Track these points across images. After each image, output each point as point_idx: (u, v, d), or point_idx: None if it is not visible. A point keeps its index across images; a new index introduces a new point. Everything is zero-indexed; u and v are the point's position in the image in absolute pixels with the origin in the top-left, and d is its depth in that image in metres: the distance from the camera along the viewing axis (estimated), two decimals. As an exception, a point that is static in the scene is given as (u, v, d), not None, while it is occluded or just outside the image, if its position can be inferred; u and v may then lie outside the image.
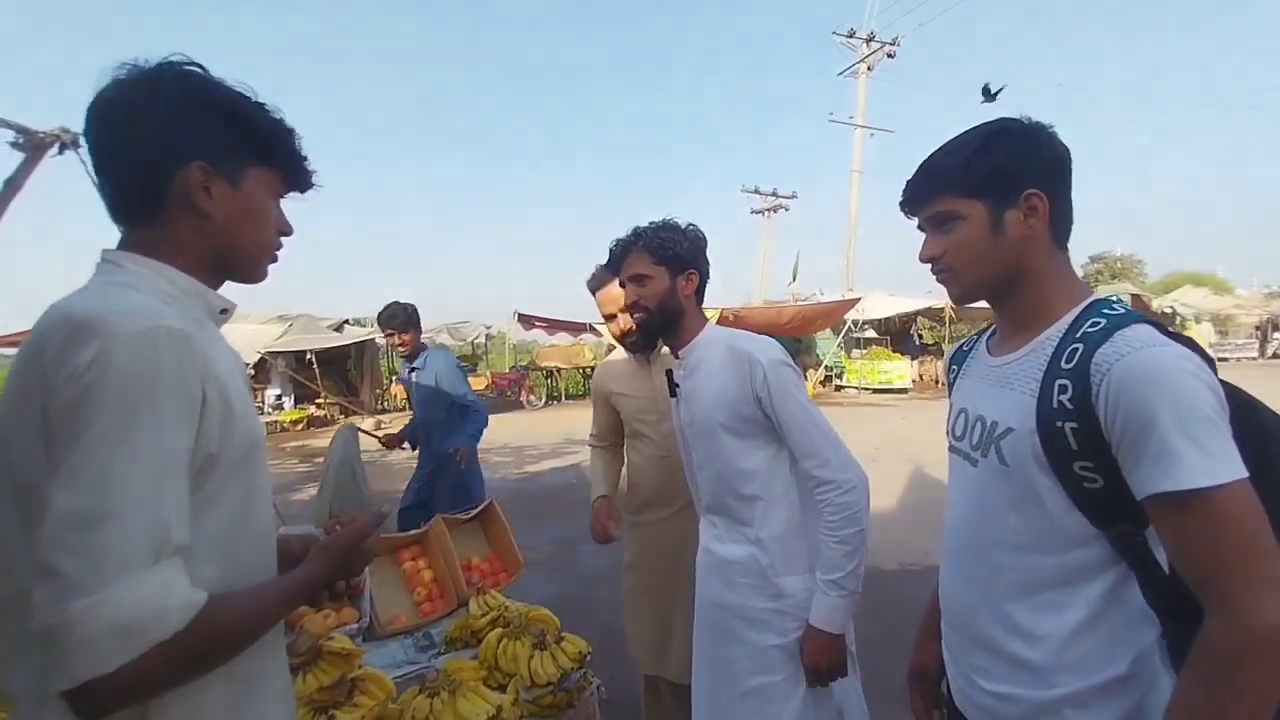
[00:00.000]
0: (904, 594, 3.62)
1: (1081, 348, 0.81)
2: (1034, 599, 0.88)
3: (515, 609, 1.96)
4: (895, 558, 4.22)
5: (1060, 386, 0.82)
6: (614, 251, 1.57)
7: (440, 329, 16.22)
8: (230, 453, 0.72)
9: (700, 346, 1.50)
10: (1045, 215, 0.88)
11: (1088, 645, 0.84)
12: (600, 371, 2.09)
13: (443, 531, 2.25)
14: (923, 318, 19.40)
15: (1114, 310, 0.84)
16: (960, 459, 1.01)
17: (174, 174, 0.74)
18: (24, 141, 2.42)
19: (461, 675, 1.67)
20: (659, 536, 1.88)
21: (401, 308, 3.31)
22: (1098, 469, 0.80)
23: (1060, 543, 0.85)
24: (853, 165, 20.26)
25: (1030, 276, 0.91)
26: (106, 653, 0.58)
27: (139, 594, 0.59)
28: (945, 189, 0.92)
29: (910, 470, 6.65)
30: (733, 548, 1.46)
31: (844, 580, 1.33)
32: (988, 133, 0.90)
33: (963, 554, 1.00)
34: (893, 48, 20.21)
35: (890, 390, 15.53)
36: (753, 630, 1.43)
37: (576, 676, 1.72)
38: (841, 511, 1.34)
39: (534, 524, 5.20)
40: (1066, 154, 0.90)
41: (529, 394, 15.76)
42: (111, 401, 0.61)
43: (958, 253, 0.93)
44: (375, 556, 0.91)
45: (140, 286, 0.72)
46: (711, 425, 1.42)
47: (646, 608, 1.92)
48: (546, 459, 8.67)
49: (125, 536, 0.60)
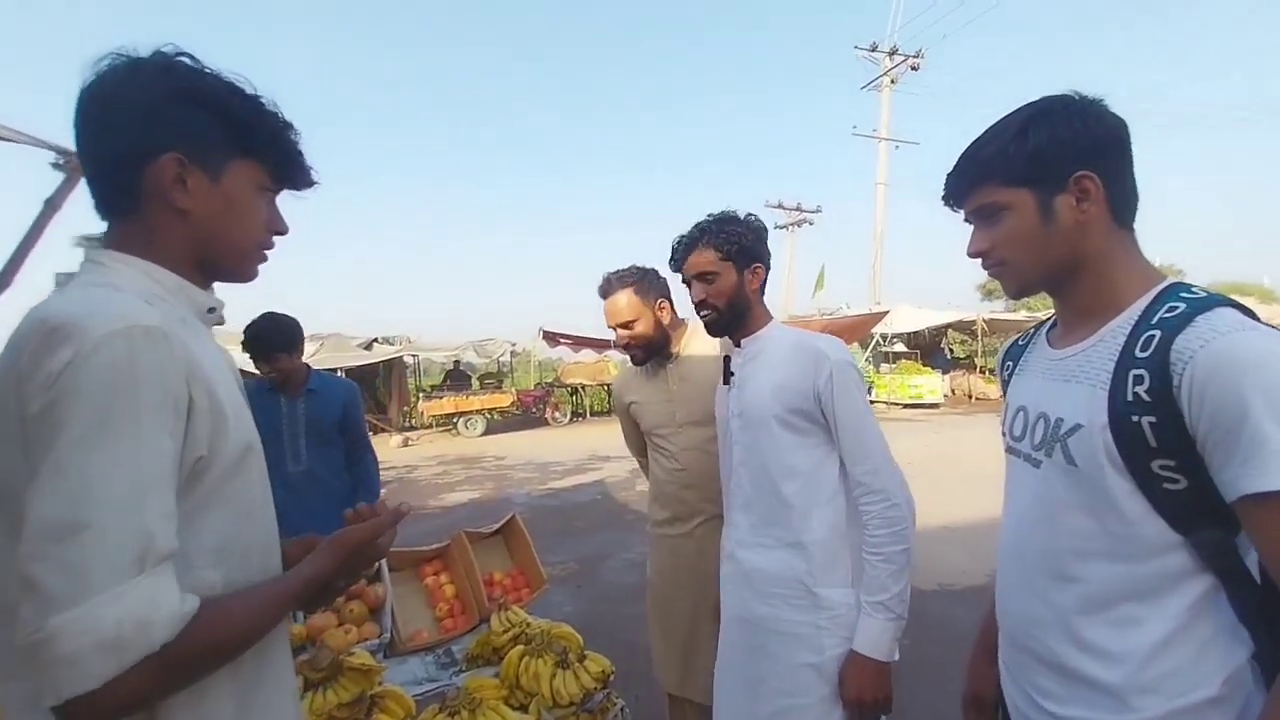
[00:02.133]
0: (942, 616, 3.47)
1: (1159, 334, 0.74)
2: (1109, 613, 0.80)
3: (537, 626, 1.91)
4: (932, 578, 4.07)
5: (1136, 377, 0.75)
6: (676, 249, 1.51)
7: (466, 346, 16.39)
8: (223, 455, 0.69)
9: (764, 339, 1.46)
10: (1101, 197, 0.81)
11: (1172, 664, 0.76)
12: (618, 383, 2.06)
13: (465, 545, 2.22)
14: (954, 331, 19.04)
15: (1194, 294, 0.77)
16: (1020, 460, 0.94)
17: (147, 166, 0.71)
18: (64, 163, 2.49)
19: (482, 694, 1.62)
20: (681, 550, 1.82)
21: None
22: (1180, 468, 0.73)
23: (1138, 550, 0.77)
24: (877, 178, 20.14)
25: (1092, 263, 0.84)
26: (91, 669, 0.55)
27: (122, 607, 0.57)
28: (987, 179, 0.87)
29: (944, 487, 6.46)
30: (764, 554, 1.38)
31: (891, 602, 1.25)
32: (1027, 115, 0.84)
33: (1024, 564, 0.92)
34: (916, 60, 20.14)
35: (921, 405, 15.22)
36: (784, 646, 1.34)
37: (600, 697, 1.66)
38: (888, 526, 1.27)
39: (558, 540, 5.16)
40: (1119, 127, 0.83)
41: (554, 410, 15.79)
42: (87, 406, 0.59)
43: (1008, 245, 0.87)
44: (386, 553, 0.86)
45: (123, 285, 0.70)
46: (765, 416, 1.37)
47: (670, 625, 1.85)
48: (571, 475, 8.64)
49: (106, 547, 0.57)
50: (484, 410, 14.53)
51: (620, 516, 6.21)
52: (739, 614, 1.43)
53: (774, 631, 1.36)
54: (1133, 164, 0.84)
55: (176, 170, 0.72)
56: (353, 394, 2.76)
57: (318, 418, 2.58)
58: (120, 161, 0.72)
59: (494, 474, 9.19)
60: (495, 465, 9.98)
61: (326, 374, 2.78)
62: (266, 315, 2.47)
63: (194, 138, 0.72)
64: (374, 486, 2.74)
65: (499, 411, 15.00)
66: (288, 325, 2.49)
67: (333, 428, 2.62)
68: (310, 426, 2.57)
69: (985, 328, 16.27)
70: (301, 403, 2.56)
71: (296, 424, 2.55)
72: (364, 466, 2.71)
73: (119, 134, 0.71)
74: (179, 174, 0.72)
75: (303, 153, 0.82)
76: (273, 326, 2.45)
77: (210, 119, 0.73)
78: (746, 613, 1.41)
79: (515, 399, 15.40)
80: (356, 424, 2.72)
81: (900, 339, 17.69)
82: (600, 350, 16.49)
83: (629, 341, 1.81)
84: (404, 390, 15.97)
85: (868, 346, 16.26)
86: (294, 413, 2.55)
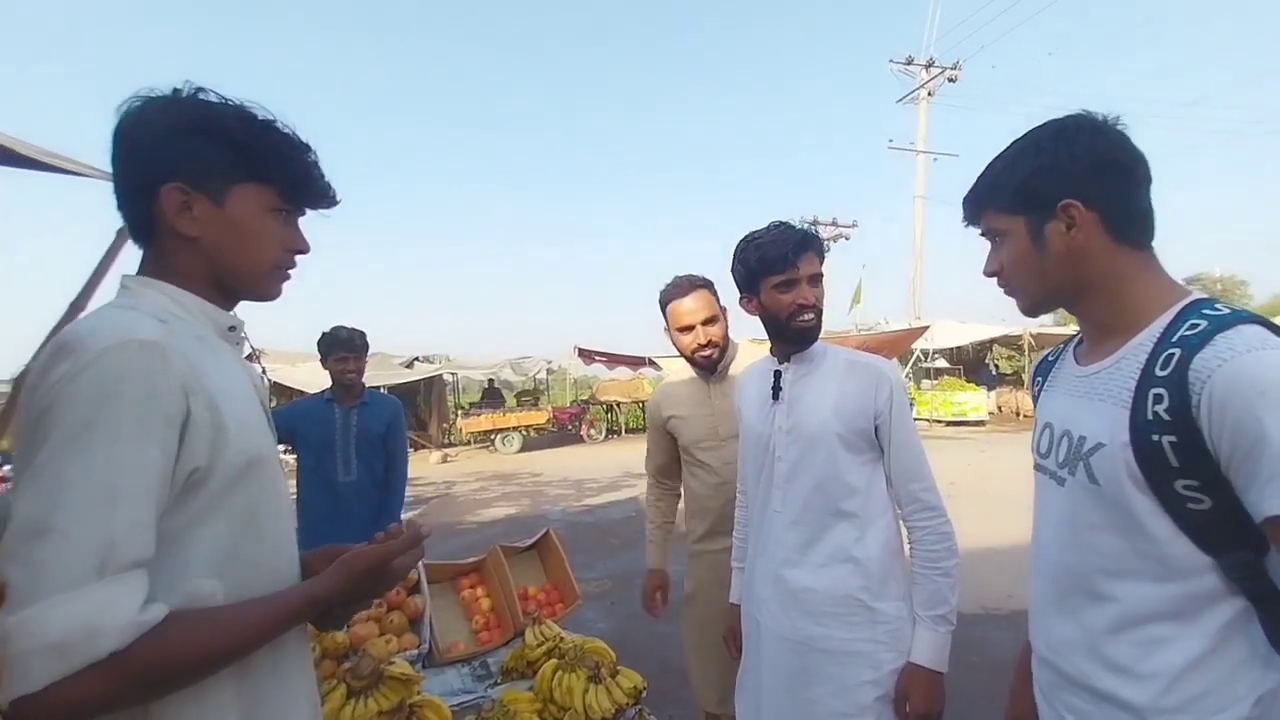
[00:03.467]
0: (985, 640, 3.36)
1: (1179, 353, 0.74)
2: (1137, 632, 0.80)
3: (570, 640, 1.94)
4: (975, 601, 3.94)
5: (1155, 396, 0.74)
6: (791, 241, 1.38)
7: (504, 364, 16.66)
8: (223, 467, 0.70)
9: (817, 355, 1.46)
10: (1090, 222, 0.82)
11: (1201, 685, 0.75)
12: (657, 396, 2.04)
13: (500, 560, 2.26)
14: (999, 346, 18.47)
15: (1217, 311, 0.76)
16: (1046, 478, 0.94)
17: (155, 196, 0.74)
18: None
19: (517, 707, 1.65)
20: (721, 565, 1.80)
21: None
22: (1204, 488, 0.72)
23: (1168, 570, 0.77)
24: (915, 191, 19.83)
25: (1098, 284, 0.85)
26: (34, 671, 0.55)
27: (71, 611, 0.57)
28: (988, 205, 0.92)
29: (988, 507, 6.25)
30: (815, 572, 1.37)
31: (950, 615, 1.31)
32: (1019, 146, 0.88)
33: (1053, 583, 0.91)
34: (954, 72, 19.85)
35: (965, 423, 14.78)
36: (839, 665, 1.33)
37: (632, 713, 1.67)
38: (943, 541, 1.33)
39: (592, 556, 5.18)
40: (1116, 150, 0.83)
41: (589, 428, 15.89)
42: (71, 415, 0.61)
43: (1011, 268, 0.91)
44: (404, 577, 0.84)
45: (140, 306, 0.72)
46: (825, 434, 1.37)
47: (710, 642, 1.83)
48: (606, 492, 8.67)
49: (65, 550, 0.58)
50: (520, 427, 14.72)
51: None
52: (785, 634, 1.40)
53: (826, 652, 1.34)
54: (1138, 185, 0.83)
55: (180, 198, 0.75)
56: (399, 410, 2.96)
57: (368, 429, 2.77)
58: (134, 193, 0.76)
59: (530, 490, 9.28)
60: (531, 481, 10.08)
61: (375, 390, 2.97)
62: (340, 326, 2.75)
63: (196, 166, 0.75)
64: (400, 499, 2.92)
65: (535, 428, 15.17)
66: (362, 332, 2.77)
67: (379, 440, 2.80)
68: (360, 437, 2.75)
69: (1033, 342, 15.72)
70: (355, 413, 2.77)
71: (349, 433, 2.75)
72: (394, 480, 2.89)
73: (132, 167, 0.76)
74: (184, 202, 0.75)
75: (318, 173, 0.84)
76: (353, 330, 2.74)
77: (212, 147, 0.76)
78: (794, 633, 1.39)
79: (551, 416, 15.56)
80: (399, 439, 2.89)
81: (942, 354, 17.26)
82: (635, 368, 16.56)
83: (709, 340, 1.80)
84: (443, 407, 16.30)
85: (907, 362, 15.90)
86: (348, 422, 2.75)
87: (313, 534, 2.61)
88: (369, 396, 2.85)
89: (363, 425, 2.77)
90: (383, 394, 3.04)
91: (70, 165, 2.31)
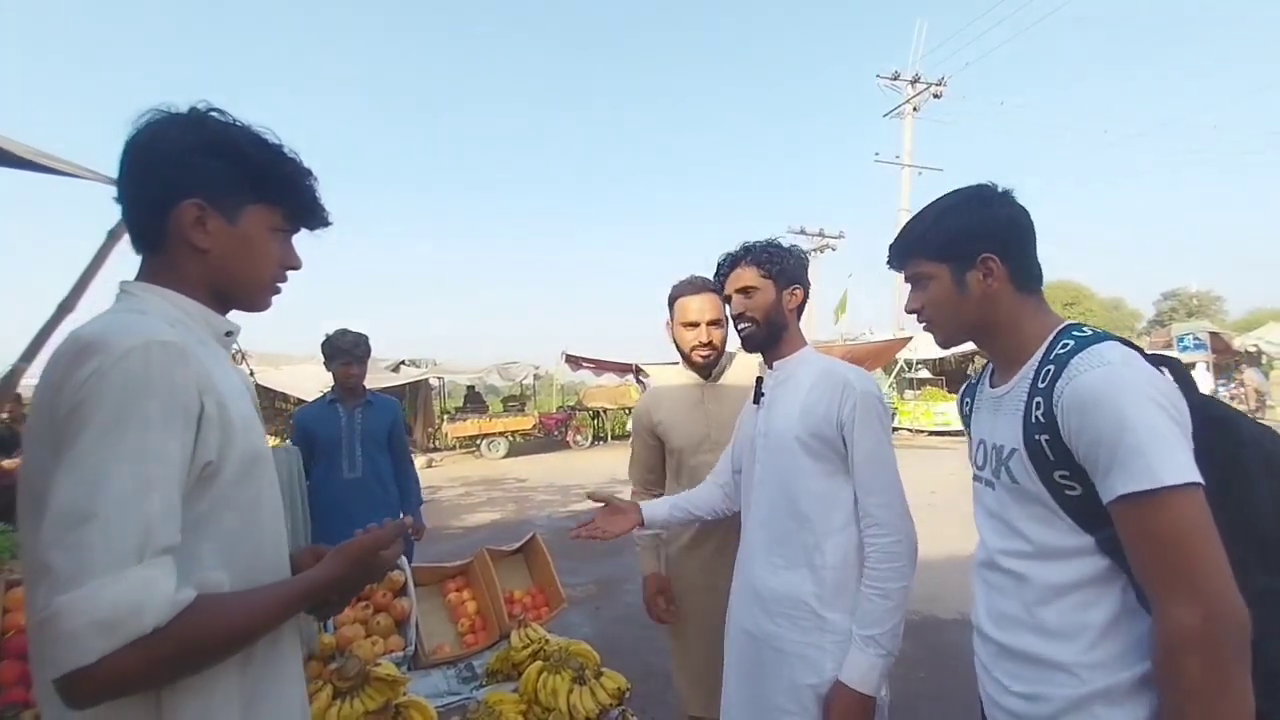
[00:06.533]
0: (961, 646, 3.41)
1: (1053, 368, 0.92)
2: (1062, 601, 0.94)
3: (555, 643, 1.96)
4: (953, 606, 4.01)
5: (1036, 404, 0.93)
6: (722, 264, 1.57)
7: (490, 369, 16.60)
8: (231, 462, 0.75)
9: (796, 362, 1.50)
10: (1003, 273, 1.00)
11: (1118, 643, 0.89)
12: (646, 399, 2.04)
13: (487, 563, 2.28)
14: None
15: (1082, 333, 0.95)
16: (982, 485, 1.10)
17: (173, 209, 0.78)
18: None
19: (502, 708, 1.68)
20: (708, 569, 1.84)
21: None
22: (1074, 477, 0.89)
23: (1074, 549, 0.92)
24: (900, 204, 20.10)
25: (1002, 323, 1.03)
26: (87, 645, 0.60)
27: (118, 590, 0.61)
28: (916, 253, 1.08)
29: (967, 515, 6.24)
30: (774, 573, 1.42)
31: (883, 638, 1.27)
32: (942, 208, 1.06)
33: (991, 569, 1.06)
34: (939, 88, 20.19)
35: (947, 432, 14.95)
36: (786, 664, 1.37)
37: (616, 714, 1.70)
38: (890, 561, 1.30)
39: (577, 561, 5.18)
40: (1020, 216, 1.02)
41: (576, 434, 15.86)
42: (104, 408, 0.65)
43: (933, 307, 1.07)
44: (390, 567, 0.91)
45: (147, 310, 0.77)
46: (788, 439, 1.41)
47: (695, 643, 1.86)
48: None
49: (109, 534, 0.62)
50: (507, 433, 14.69)
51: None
52: (747, 627, 1.46)
53: (777, 649, 1.38)
54: (1034, 244, 1.03)
55: (197, 214, 0.79)
56: (398, 410, 3.12)
57: (372, 428, 2.90)
58: (150, 204, 0.80)
59: (515, 496, 9.27)
60: (517, 487, 10.05)
61: (375, 391, 3.08)
62: (344, 330, 2.86)
63: (215, 185, 0.80)
64: (416, 496, 3.07)
65: (521, 434, 15.14)
66: (365, 338, 2.91)
67: (383, 439, 2.93)
68: (365, 435, 2.88)
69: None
70: (359, 412, 2.90)
71: (354, 432, 2.87)
72: (408, 479, 3.04)
73: (150, 180, 0.79)
74: (199, 217, 0.79)
75: (319, 198, 0.90)
76: (358, 335, 2.87)
77: (231, 168, 0.81)
78: (754, 627, 1.44)
79: (537, 422, 15.53)
80: (401, 438, 3.03)
81: (925, 365, 17.48)
82: (622, 374, 16.57)
83: (710, 340, 1.81)
84: (429, 412, 16.20)
85: (891, 372, 16.09)
86: (352, 422, 2.87)
87: (321, 529, 2.67)
88: (371, 397, 2.97)
89: (367, 424, 2.89)
90: (383, 395, 3.15)
91: (61, 165, 2.31)
